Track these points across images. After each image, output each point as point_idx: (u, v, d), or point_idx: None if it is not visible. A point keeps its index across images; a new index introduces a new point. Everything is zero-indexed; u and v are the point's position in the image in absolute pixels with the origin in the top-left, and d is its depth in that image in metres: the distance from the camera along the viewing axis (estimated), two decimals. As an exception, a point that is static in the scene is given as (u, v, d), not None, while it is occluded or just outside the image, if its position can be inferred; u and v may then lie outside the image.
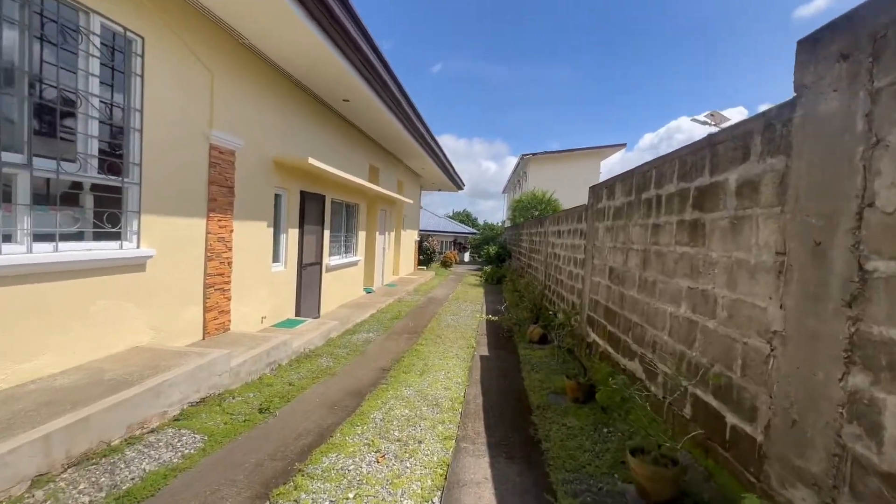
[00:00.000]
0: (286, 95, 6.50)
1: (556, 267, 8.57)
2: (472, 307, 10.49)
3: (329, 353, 5.97)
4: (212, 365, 3.88)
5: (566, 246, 7.64)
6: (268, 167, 6.15)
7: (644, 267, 3.98)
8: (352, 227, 10.15)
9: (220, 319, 5.27)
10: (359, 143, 10.02)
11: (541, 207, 16.39)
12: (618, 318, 4.60)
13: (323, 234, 8.14)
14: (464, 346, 6.78)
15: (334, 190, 8.56)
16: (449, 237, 34.72)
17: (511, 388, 4.92)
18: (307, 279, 7.61)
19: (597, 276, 5.51)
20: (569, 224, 7.53)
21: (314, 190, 7.66)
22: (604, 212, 5.38)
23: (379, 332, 7.42)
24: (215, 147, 4.97)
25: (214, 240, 5.05)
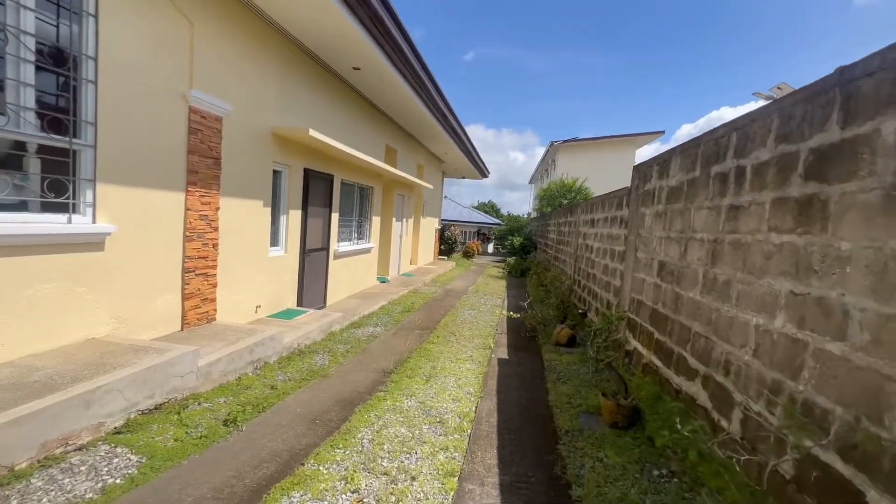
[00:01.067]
0: (287, 60, 5.79)
1: (587, 260, 7.62)
2: (492, 301, 9.67)
3: (327, 349, 5.30)
4: (170, 364, 3.24)
5: (601, 236, 6.69)
6: (265, 139, 5.48)
7: (713, 262, 3.05)
8: (365, 212, 9.47)
9: (204, 308, 4.66)
10: (374, 121, 9.27)
11: (570, 196, 15.27)
12: (670, 324, 3.69)
13: (330, 218, 7.47)
14: (480, 346, 5.99)
15: (344, 170, 7.86)
16: (473, 227, 33.85)
17: (533, 404, 4.10)
18: (311, 266, 6.97)
19: (641, 271, 4.58)
20: (605, 211, 6.56)
21: (321, 169, 6.97)
22: (653, 195, 4.43)
23: (387, 327, 6.72)
24: (196, 111, 4.31)
25: (195, 217, 4.42)
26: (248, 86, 5.09)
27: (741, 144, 2.82)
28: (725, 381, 2.73)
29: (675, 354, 3.54)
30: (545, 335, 6.63)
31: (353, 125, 8.18)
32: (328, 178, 7.28)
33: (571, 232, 9.83)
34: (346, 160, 7.62)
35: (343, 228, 8.40)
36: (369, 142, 9.06)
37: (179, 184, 4.23)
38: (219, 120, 4.62)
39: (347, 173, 8.03)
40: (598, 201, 7.15)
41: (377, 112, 9.34)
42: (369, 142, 9.06)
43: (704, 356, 3.04)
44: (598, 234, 6.88)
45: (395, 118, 10.30)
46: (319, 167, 6.92)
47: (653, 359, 3.99)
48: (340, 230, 8.19)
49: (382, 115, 9.68)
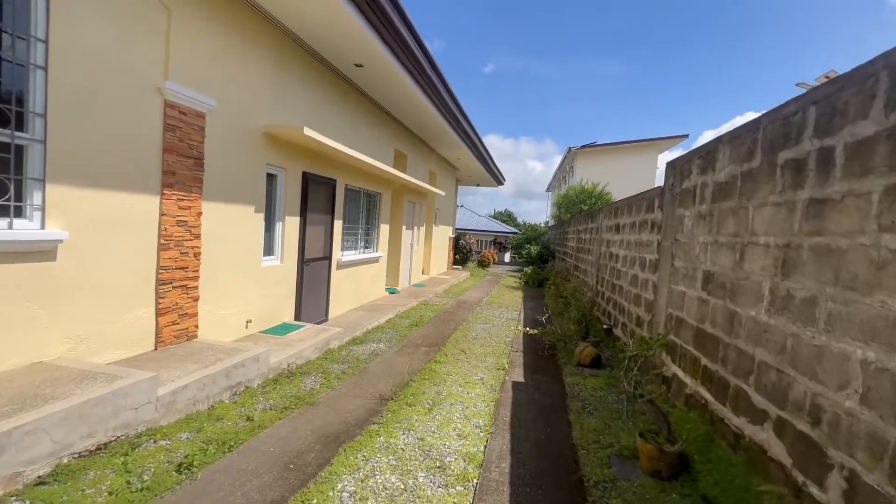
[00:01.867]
0: (282, 55, 5.38)
1: (612, 270, 6.92)
2: (507, 314, 9.01)
3: (321, 370, 4.76)
4: (120, 395, 2.74)
5: (628, 243, 6.00)
6: (256, 139, 5.04)
7: (783, 273, 2.39)
8: (372, 220, 8.99)
9: (183, 325, 4.19)
10: (382, 124, 8.83)
11: (590, 202, 14.52)
12: (722, 349, 3.01)
13: (333, 225, 7.00)
14: (493, 366, 5.35)
15: (349, 174, 7.41)
16: (489, 236, 33.24)
17: (554, 442, 3.45)
18: (311, 277, 6.49)
19: (680, 283, 3.90)
20: (633, 215, 5.89)
21: (322, 172, 6.52)
22: (693, 193, 3.77)
23: (391, 343, 6.15)
24: (173, 105, 3.88)
25: (172, 223, 3.97)
26: (237, 81, 4.67)
27: (824, 120, 2.18)
28: (813, 431, 2.06)
29: (731, 388, 2.85)
30: (566, 354, 5.94)
31: (358, 127, 7.75)
32: (330, 183, 6.83)
33: (593, 239, 9.13)
34: (349, 164, 7.17)
35: (348, 237, 7.93)
36: (377, 146, 8.62)
37: (153, 186, 3.79)
38: (201, 116, 4.20)
39: (352, 178, 7.57)
40: (624, 204, 6.47)
41: (385, 115, 8.92)
42: (377, 146, 8.62)
43: (777, 394, 2.36)
44: (625, 241, 6.19)
45: (404, 121, 9.86)
46: (320, 171, 6.47)
47: (699, 390, 3.30)
48: (344, 238, 7.72)
49: (391, 118, 9.25)
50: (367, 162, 6.95)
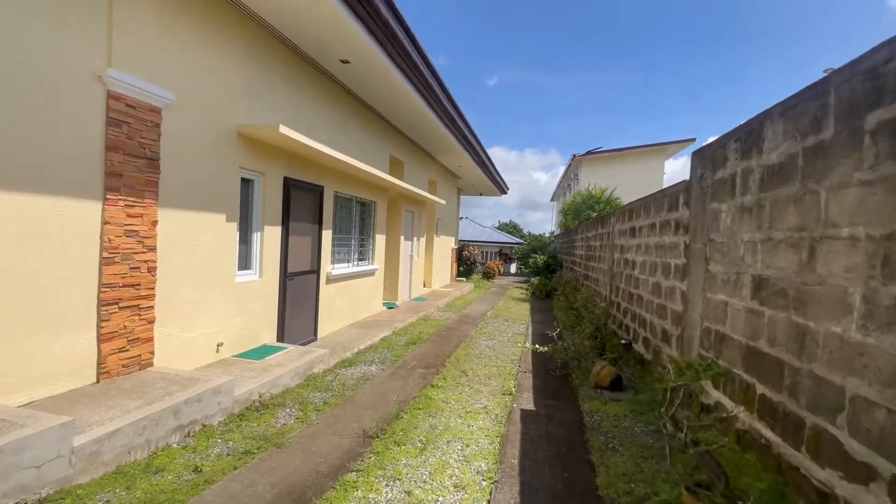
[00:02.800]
0: (259, 49, 4.89)
1: (628, 278, 6.26)
2: (514, 329, 8.32)
3: (299, 399, 4.13)
4: (11, 452, 2.13)
5: (647, 248, 5.35)
6: (228, 140, 4.51)
7: (884, 274, 1.75)
8: (367, 230, 8.43)
9: (134, 352, 3.59)
10: (375, 128, 8.33)
11: (598, 207, 13.89)
12: (790, 375, 2.35)
13: (321, 236, 6.43)
14: (498, 390, 4.68)
15: (338, 180, 6.87)
16: (494, 248, 32.65)
17: (574, 493, 2.77)
18: (296, 292, 5.89)
19: (719, 291, 3.25)
20: (651, 216, 5.25)
21: (307, 178, 5.98)
22: (732, 183, 3.15)
23: (384, 365, 5.50)
24: (119, 97, 3.36)
25: (119, 233, 3.41)
26: (204, 75, 4.16)
27: (946, 59, 1.56)
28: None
29: (807, 428, 2.18)
30: (581, 374, 5.26)
31: (350, 132, 7.23)
32: (317, 190, 6.28)
33: (604, 246, 8.48)
34: (338, 169, 6.63)
35: (339, 248, 7.35)
36: (370, 151, 8.10)
37: (93, 189, 3.24)
38: (155, 111, 3.67)
39: (343, 185, 7.03)
40: (640, 205, 5.84)
41: (378, 119, 8.42)
42: (370, 151, 8.10)
43: (892, 444, 1.70)
44: (643, 246, 5.54)
45: (399, 126, 9.37)
46: (305, 176, 5.93)
47: (757, 426, 2.62)
48: (335, 250, 7.14)
49: (385, 122, 8.76)
50: (358, 167, 6.41)
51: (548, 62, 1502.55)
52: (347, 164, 6.22)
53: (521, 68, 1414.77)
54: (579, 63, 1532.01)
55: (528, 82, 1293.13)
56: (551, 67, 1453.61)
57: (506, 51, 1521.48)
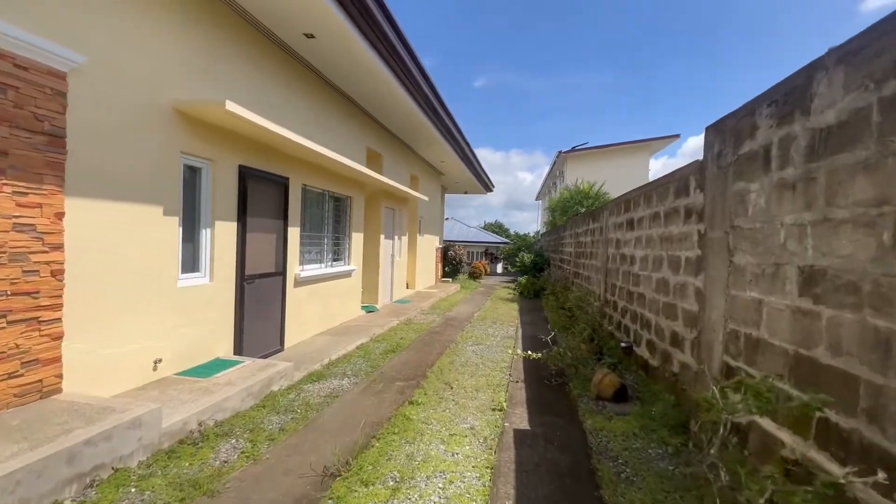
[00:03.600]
0: (213, 20, 4.19)
1: (625, 274, 5.73)
2: (502, 331, 7.74)
3: (250, 426, 3.45)
4: None
5: (649, 241, 4.82)
6: (164, 118, 3.81)
7: None
8: (343, 227, 7.74)
9: (31, 376, 2.87)
10: (350, 117, 7.66)
11: (587, 203, 13.45)
12: (869, 396, 1.79)
13: (286, 234, 5.74)
14: (486, 405, 4.08)
15: (307, 172, 6.18)
16: (480, 248, 32.19)
17: (586, 547, 2.18)
18: (257, 297, 5.19)
19: (750, 286, 2.70)
20: (654, 205, 4.73)
21: (268, 168, 5.29)
22: (765, 156, 2.61)
23: (358, 378, 4.85)
24: (2, 53, 2.64)
25: (4, 228, 2.69)
26: (130, 38, 3.45)
27: None
28: None
29: (902, 467, 1.63)
30: (579, 382, 4.70)
31: (321, 120, 6.56)
32: (281, 182, 5.58)
33: (596, 241, 7.98)
34: (307, 159, 5.94)
35: (310, 247, 6.66)
36: (345, 142, 7.43)
37: (-36, 171, 2.52)
38: (58, 76, 2.95)
39: (313, 177, 6.34)
40: (639, 194, 5.32)
41: (355, 108, 7.75)
42: (345, 142, 7.43)
43: None
44: (644, 239, 5.02)
45: (378, 117, 8.71)
46: (266, 166, 5.23)
47: (817, 457, 2.06)
48: (305, 249, 6.45)
49: (362, 112, 8.09)
50: (329, 157, 5.75)
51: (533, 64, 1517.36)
52: (317, 154, 5.54)
53: (506, 70, 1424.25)
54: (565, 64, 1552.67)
55: (514, 84, 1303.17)
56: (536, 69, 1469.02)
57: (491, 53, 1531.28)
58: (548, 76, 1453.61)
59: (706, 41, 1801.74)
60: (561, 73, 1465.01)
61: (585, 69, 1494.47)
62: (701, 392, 3.05)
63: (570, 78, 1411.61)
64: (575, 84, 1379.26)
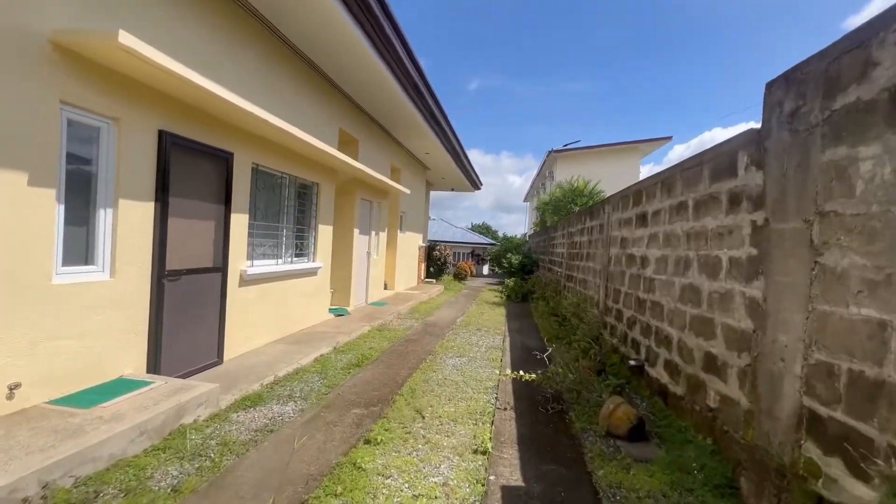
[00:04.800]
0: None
1: (634, 278, 4.85)
2: (488, 340, 6.81)
3: (125, 486, 2.42)
4: None
5: (669, 238, 3.94)
6: (34, 52, 2.76)
7: None
8: (307, 218, 6.71)
9: None
10: (320, 93, 6.65)
11: (581, 201, 12.65)
12: None
13: (228, 221, 4.70)
14: (466, 445, 3.13)
15: (261, 150, 5.15)
16: (466, 248, 31.35)
17: None
18: (184, 298, 4.14)
19: (856, 300, 1.81)
20: (677, 194, 3.85)
21: (205, 139, 4.25)
22: (892, 103, 1.72)
23: (307, 402, 3.85)
24: None
25: None
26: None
27: None
28: None
29: None
30: (581, 409, 3.78)
31: (281, 90, 5.53)
32: (221, 157, 4.55)
33: (595, 241, 7.12)
34: (258, 131, 4.91)
35: (263, 239, 5.62)
36: (312, 120, 6.41)
37: None
38: None
39: (268, 156, 5.31)
40: (654, 183, 4.45)
41: (325, 83, 6.73)
42: (312, 120, 6.41)
43: None
44: (662, 236, 4.14)
45: (354, 97, 7.70)
46: (201, 135, 4.20)
47: None
48: (256, 241, 5.41)
49: (335, 89, 7.07)
50: (286, 132, 4.75)
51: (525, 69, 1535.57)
52: (270, 126, 4.54)
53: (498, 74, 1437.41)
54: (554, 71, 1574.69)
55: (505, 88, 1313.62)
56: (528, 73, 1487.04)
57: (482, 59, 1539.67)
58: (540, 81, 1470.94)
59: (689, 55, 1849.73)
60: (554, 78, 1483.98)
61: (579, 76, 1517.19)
62: (756, 439, 2.15)
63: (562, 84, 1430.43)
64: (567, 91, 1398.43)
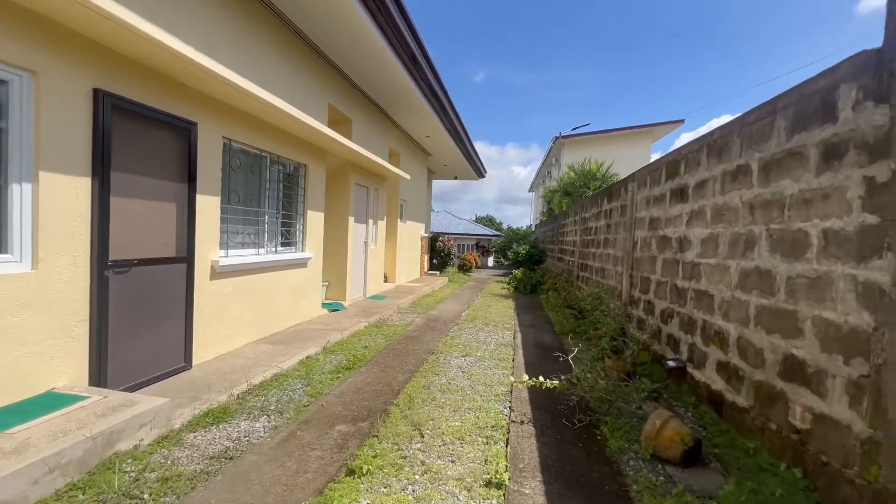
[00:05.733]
0: None
1: (670, 264, 4.13)
2: (497, 337, 6.13)
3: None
4: None
5: (722, 212, 3.21)
6: None
7: None
8: (294, 204, 6.03)
9: None
10: (307, 63, 5.93)
11: (594, 185, 11.85)
12: None
13: (193, 203, 4.02)
14: (476, 475, 2.46)
15: (235, 122, 4.45)
16: (471, 240, 30.69)
17: None
18: (135, 293, 3.48)
19: None
20: (733, 157, 3.10)
21: (158, 103, 3.56)
22: None
23: (282, 417, 3.19)
24: None
25: None
26: None
27: None
28: None
29: None
30: (615, 424, 3.09)
31: (259, 57, 4.82)
32: (182, 128, 3.85)
33: (615, 224, 6.39)
34: (228, 99, 4.21)
35: (242, 226, 4.95)
36: (298, 94, 5.70)
37: None
38: None
39: (244, 130, 4.61)
40: (696, 148, 3.70)
41: (313, 53, 6.00)
42: (298, 94, 5.70)
43: None
44: (710, 211, 3.40)
45: (344, 69, 6.97)
46: (154, 99, 3.50)
47: None
48: (231, 228, 4.73)
49: (324, 61, 6.34)
50: (265, 101, 4.09)
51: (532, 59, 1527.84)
52: (241, 91, 3.86)
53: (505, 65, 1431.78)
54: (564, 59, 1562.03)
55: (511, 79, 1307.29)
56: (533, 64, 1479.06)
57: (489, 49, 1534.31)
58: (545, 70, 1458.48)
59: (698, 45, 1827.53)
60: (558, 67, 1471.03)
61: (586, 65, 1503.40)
62: (885, 480, 1.45)
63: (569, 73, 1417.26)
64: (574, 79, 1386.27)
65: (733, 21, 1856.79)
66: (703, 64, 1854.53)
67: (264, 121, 4.92)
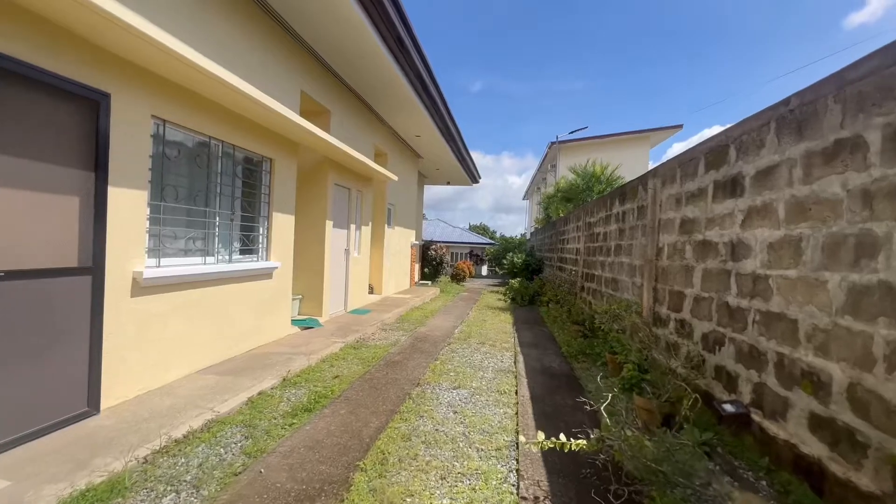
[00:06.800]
0: None
1: (715, 276, 3.26)
2: (495, 361, 5.20)
3: None
4: None
5: (800, 208, 2.35)
6: None
7: None
8: (257, 204, 5.11)
9: None
10: (276, 43, 5.05)
11: (598, 189, 11.05)
12: None
13: (104, 198, 3.09)
14: None
15: (171, 98, 3.54)
16: (465, 248, 29.87)
17: None
18: (3, 318, 2.53)
19: None
20: (826, 131, 2.25)
21: (41, 61, 2.64)
22: None
23: (196, 499, 2.23)
24: None
25: None
26: None
27: None
28: None
29: None
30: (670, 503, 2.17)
31: (213, 31, 3.93)
32: (85, 98, 2.93)
33: (631, 229, 5.53)
34: (160, 68, 3.30)
35: (184, 229, 4.01)
36: (263, 76, 4.81)
37: None
38: None
39: (184, 109, 3.70)
40: (767, 122, 2.86)
41: (281, 29, 5.13)
42: (263, 76, 4.81)
43: None
44: (787, 205, 2.54)
45: (322, 53, 6.10)
46: (33, 55, 2.59)
47: None
48: (167, 231, 3.79)
49: (295, 39, 5.47)
50: (208, 71, 3.19)
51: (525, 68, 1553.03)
52: (171, 56, 2.94)
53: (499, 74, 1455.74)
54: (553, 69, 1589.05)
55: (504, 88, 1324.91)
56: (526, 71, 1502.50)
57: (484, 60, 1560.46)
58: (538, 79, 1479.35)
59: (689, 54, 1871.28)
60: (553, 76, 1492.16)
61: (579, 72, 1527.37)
62: None
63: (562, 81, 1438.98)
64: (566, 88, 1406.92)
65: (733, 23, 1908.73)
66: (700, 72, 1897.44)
67: (215, 101, 4.03)
